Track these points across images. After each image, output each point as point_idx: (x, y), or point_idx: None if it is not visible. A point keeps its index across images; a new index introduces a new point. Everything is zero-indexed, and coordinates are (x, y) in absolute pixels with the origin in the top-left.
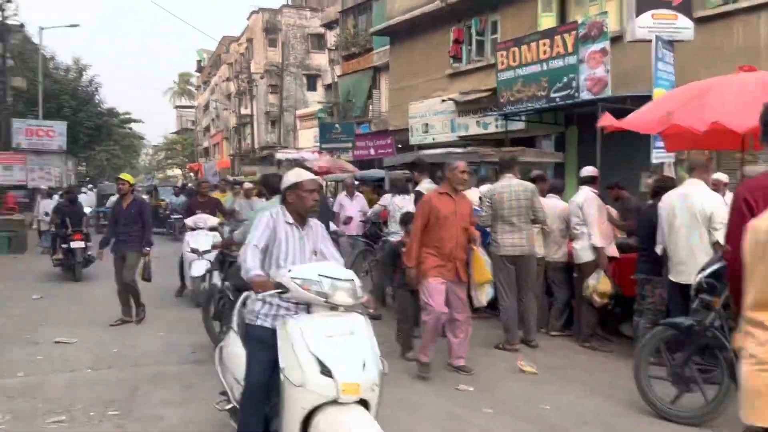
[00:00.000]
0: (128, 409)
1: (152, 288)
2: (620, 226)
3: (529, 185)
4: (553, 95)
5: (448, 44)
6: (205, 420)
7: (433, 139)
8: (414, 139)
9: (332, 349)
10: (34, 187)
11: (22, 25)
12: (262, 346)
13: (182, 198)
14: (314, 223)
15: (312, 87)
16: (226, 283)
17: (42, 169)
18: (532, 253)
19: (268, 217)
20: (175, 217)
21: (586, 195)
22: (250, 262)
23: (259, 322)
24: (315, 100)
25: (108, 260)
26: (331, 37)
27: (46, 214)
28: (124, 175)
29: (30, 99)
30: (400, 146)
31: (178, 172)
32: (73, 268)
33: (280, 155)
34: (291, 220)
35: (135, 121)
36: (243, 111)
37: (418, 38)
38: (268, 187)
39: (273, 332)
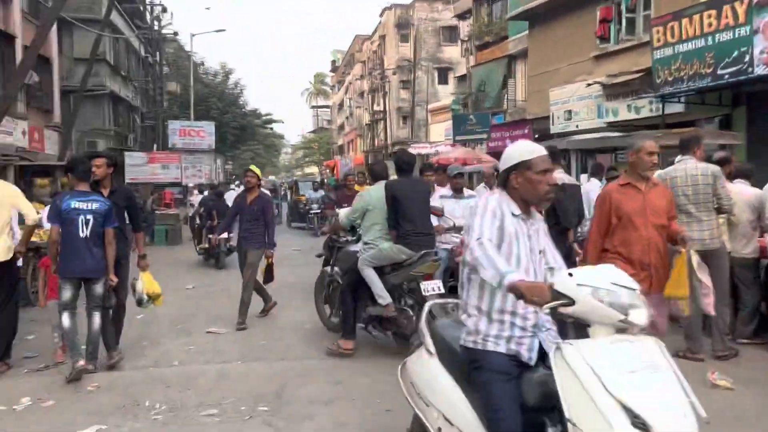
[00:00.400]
0: (277, 405)
1: (295, 281)
2: None
3: (710, 167)
4: (720, 72)
5: (594, 24)
6: (357, 421)
7: (577, 126)
8: (555, 128)
9: (640, 391)
10: (186, 184)
11: (175, 33)
12: (506, 378)
13: (320, 193)
14: (538, 215)
15: (443, 80)
16: (335, 268)
17: (194, 167)
18: (717, 248)
19: (494, 204)
20: (315, 212)
21: None
22: (500, 262)
23: (490, 347)
24: (446, 93)
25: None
26: (464, 28)
27: (192, 205)
28: (253, 168)
29: (183, 102)
30: (537, 136)
31: (315, 169)
32: (217, 256)
33: (412, 150)
34: (518, 211)
35: (276, 121)
36: (375, 108)
37: (559, 20)
38: (372, 174)
39: (513, 360)
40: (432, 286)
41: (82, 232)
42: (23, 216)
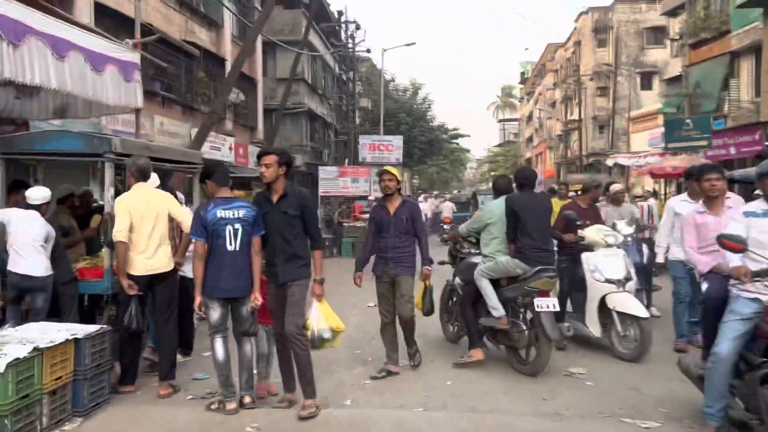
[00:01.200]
0: None
1: None
2: None
3: None
4: None
5: None
6: None
7: None
8: None
9: None
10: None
11: (368, 51)
12: None
13: None
14: None
15: (647, 85)
16: (456, 278)
17: None
18: None
19: None
20: None
21: None
22: None
23: None
24: (650, 99)
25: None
26: (675, 25)
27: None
28: (390, 168)
29: (373, 118)
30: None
31: None
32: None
33: (611, 161)
34: None
35: (462, 135)
36: (569, 117)
37: None
38: (495, 189)
39: None
40: (546, 303)
41: (231, 244)
42: (180, 225)
